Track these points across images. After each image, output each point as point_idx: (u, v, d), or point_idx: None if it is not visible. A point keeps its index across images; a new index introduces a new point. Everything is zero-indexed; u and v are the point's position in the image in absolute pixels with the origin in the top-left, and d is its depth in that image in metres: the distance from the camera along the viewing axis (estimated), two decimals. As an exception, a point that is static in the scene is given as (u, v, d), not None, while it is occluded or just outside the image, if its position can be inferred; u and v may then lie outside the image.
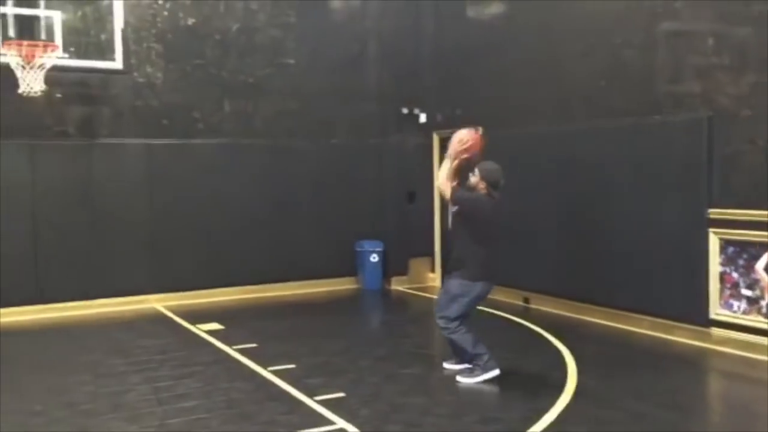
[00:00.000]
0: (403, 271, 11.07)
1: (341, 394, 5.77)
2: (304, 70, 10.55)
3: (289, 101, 10.48)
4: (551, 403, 5.50)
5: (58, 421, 5.30)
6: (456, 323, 6.10)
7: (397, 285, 10.96)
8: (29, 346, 7.67)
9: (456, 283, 6.11)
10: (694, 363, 6.85)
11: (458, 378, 6.15)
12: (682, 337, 7.36)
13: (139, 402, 5.68)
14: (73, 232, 9.15)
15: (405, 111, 11.04)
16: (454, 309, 6.08)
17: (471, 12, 10.34)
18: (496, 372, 6.05)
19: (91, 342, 7.74)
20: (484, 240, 6.05)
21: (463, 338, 6.11)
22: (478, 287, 6.04)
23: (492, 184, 6.08)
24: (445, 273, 6.35)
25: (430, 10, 11.00)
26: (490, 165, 6.14)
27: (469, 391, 5.94)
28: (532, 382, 6.11)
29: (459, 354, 6.27)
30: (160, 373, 6.47)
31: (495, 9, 9.97)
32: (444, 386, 6.14)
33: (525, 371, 6.45)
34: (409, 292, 10.69)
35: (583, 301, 8.47)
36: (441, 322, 6.19)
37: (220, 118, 10.10)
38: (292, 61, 10.51)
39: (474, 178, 6.13)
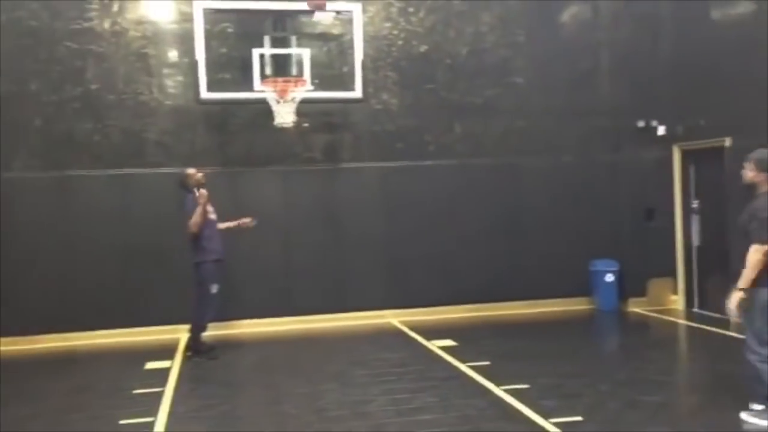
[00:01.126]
0: (641, 292, 10.50)
1: (578, 418, 5.61)
2: (532, 88, 10.51)
3: (518, 120, 10.49)
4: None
5: (309, 424, 5.76)
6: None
7: (635, 307, 10.41)
8: (283, 354, 8.41)
9: (763, 293, 5.25)
10: None
11: (742, 415, 5.44)
12: None
13: (380, 412, 5.98)
14: (320, 250, 9.92)
15: (641, 124, 10.51)
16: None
17: (716, 14, 9.61)
18: None
19: (335, 353, 8.31)
20: None
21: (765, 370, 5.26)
22: None
23: None
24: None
25: (668, 15, 10.38)
26: (764, 153, 5.32)
27: (722, 424, 5.46)
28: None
29: (755, 389, 5.40)
30: (399, 385, 6.76)
31: (743, 9, 9.17)
32: (691, 417, 5.71)
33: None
34: (648, 315, 10.10)
35: None
36: (754, 345, 5.29)
37: (451, 140, 10.38)
38: (520, 80, 10.51)
39: (750, 173, 5.37)
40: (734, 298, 5.33)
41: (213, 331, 8.55)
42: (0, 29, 9.14)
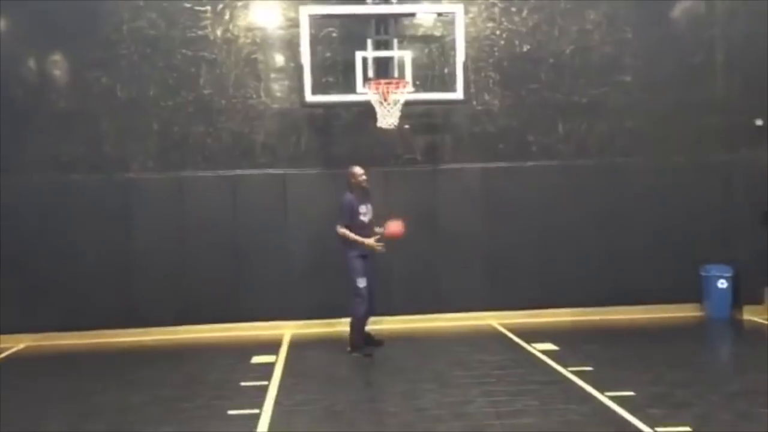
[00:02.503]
0: (757, 299, 9.96)
1: (687, 429, 5.41)
2: (641, 86, 10.17)
3: (625, 119, 10.19)
4: None
5: (409, 423, 5.82)
6: None
7: (750, 315, 9.89)
8: (383, 353, 8.46)
9: None
10: None
11: None
12: None
13: (480, 413, 5.98)
14: (420, 251, 9.96)
15: (759, 123, 9.98)
16: None
17: (842, 5, 9.01)
18: None
19: (434, 354, 8.34)
20: None
21: None
22: None
23: None
24: None
25: (789, 8, 9.83)
26: None
27: None
28: None
29: None
30: (498, 387, 6.73)
31: None
32: (812, 433, 5.39)
33: None
34: (764, 324, 9.57)
35: None
36: None
37: (554, 140, 10.20)
38: (628, 78, 10.20)
39: None
40: None
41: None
42: (123, 38, 9.73)
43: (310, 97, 9.46)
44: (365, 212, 8.30)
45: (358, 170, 8.34)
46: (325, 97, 9.60)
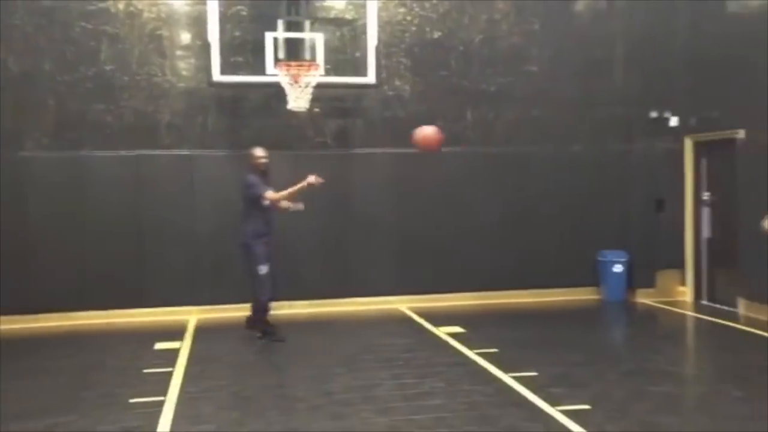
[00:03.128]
0: (649, 283, 10.50)
1: (586, 407, 5.63)
2: (546, 77, 10.47)
3: (531, 108, 10.47)
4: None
5: (317, 407, 5.80)
6: None
7: (643, 298, 10.41)
8: (291, 338, 8.40)
9: None
10: None
11: None
12: None
13: (388, 396, 6.03)
14: (329, 235, 9.94)
15: (653, 115, 10.47)
16: None
17: (732, 6, 9.54)
18: None
19: (343, 338, 8.36)
20: None
21: None
22: None
23: None
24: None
25: (684, 7, 10.32)
26: None
27: (729, 415, 5.48)
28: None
29: None
30: (406, 370, 6.81)
31: (759, 1, 9.10)
32: (699, 407, 5.74)
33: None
34: (656, 306, 10.11)
35: None
36: None
37: (463, 127, 10.36)
38: (534, 68, 10.48)
39: None
40: None
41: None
42: (16, 8, 9.16)
43: (218, 76, 9.24)
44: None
45: (257, 152, 8.11)
46: (234, 78, 9.40)
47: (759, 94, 8.89)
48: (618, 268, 10.35)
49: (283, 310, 9.70)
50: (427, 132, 7.28)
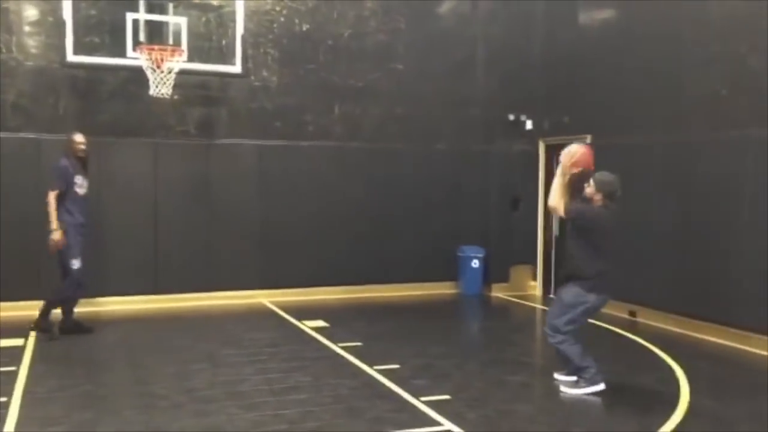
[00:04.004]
0: (504, 278, 11.02)
1: (447, 397, 5.82)
2: (412, 75, 10.69)
3: (397, 106, 10.65)
4: (663, 420, 5.36)
5: (180, 405, 5.60)
6: (563, 335, 6.03)
7: (498, 292, 10.91)
8: (149, 333, 8.10)
9: (570, 293, 6.03)
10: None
11: (562, 389, 6.09)
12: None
13: (254, 391, 5.93)
14: (191, 227, 9.62)
15: (511, 118, 10.99)
16: (565, 319, 6.01)
17: (583, 18, 10.19)
18: (601, 386, 5.96)
19: (205, 333, 8.11)
20: (600, 251, 5.96)
21: (570, 349, 6.04)
22: (591, 298, 5.95)
23: (608, 195, 5.98)
24: (560, 282, 6.26)
25: (540, 16, 10.90)
26: (606, 176, 6.04)
27: (577, 402, 5.87)
28: (642, 398, 5.97)
29: (566, 365, 6.20)
30: (271, 365, 6.72)
31: (608, 14, 9.79)
32: (551, 396, 6.09)
33: (635, 386, 6.30)
34: (509, 300, 10.63)
35: (694, 317, 8.19)
36: (549, 331, 6.13)
37: (330, 121, 10.37)
38: (400, 66, 10.66)
39: (590, 189, 6.04)
40: None
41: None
42: None
43: (71, 57, 8.67)
44: (80, 184, 7.70)
45: (77, 137, 7.77)
46: (90, 59, 8.86)
47: (605, 102, 9.57)
48: (476, 264, 10.77)
49: (140, 305, 9.31)
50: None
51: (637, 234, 8.69)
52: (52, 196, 7.48)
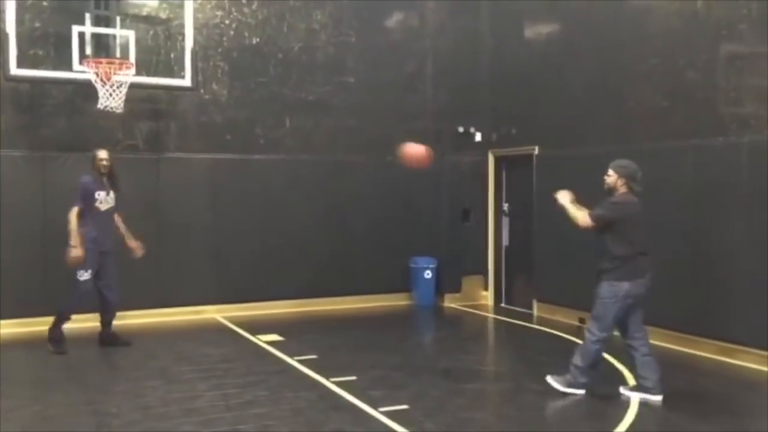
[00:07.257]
0: (456, 288, 11.13)
1: (405, 407, 5.86)
2: (362, 88, 10.76)
3: (348, 119, 10.69)
4: (615, 423, 5.50)
5: (134, 423, 5.50)
6: (603, 335, 5.95)
7: (450, 302, 11.02)
8: (98, 351, 7.92)
9: (603, 288, 5.95)
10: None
11: (548, 377, 6.21)
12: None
13: (210, 407, 5.86)
14: (140, 242, 9.41)
15: (461, 129, 11.16)
16: (607, 319, 5.93)
17: (528, 32, 10.45)
18: (581, 392, 6.06)
19: (156, 350, 7.97)
20: (625, 239, 5.87)
21: (593, 352, 6.00)
22: (626, 286, 5.86)
23: (630, 177, 5.95)
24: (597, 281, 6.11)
25: (487, 30, 11.13)
26: (621, 161, 6.02)
27: (532, 407, 5.97)
28: (595, 402, 6.11)
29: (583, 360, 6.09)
30: (227, 380, 6.65)
31: (552, 29, 10.06)
32: (507, 402, 6.18)
33: (589, 390, 6.44)
34: (462, 310, 10.74)
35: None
36: (592, 328, 6.02)
37: (281, 134, 10.35)
38: (351, 80, 10.73)
39: (610, 179, 6.00)
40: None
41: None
42: None
43: (15, 70, 8.47)
44: (102, 200, 7.73)
45: (100, 154, 7.86)
46: (33, 72, 8.67)
47: (551, 115, 9.81)
48: (428, 275, 10.86)
49: (86, 323, 9.08)
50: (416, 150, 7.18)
51: (581, 243, 8.88)
52: (72, 213, 7.55)
